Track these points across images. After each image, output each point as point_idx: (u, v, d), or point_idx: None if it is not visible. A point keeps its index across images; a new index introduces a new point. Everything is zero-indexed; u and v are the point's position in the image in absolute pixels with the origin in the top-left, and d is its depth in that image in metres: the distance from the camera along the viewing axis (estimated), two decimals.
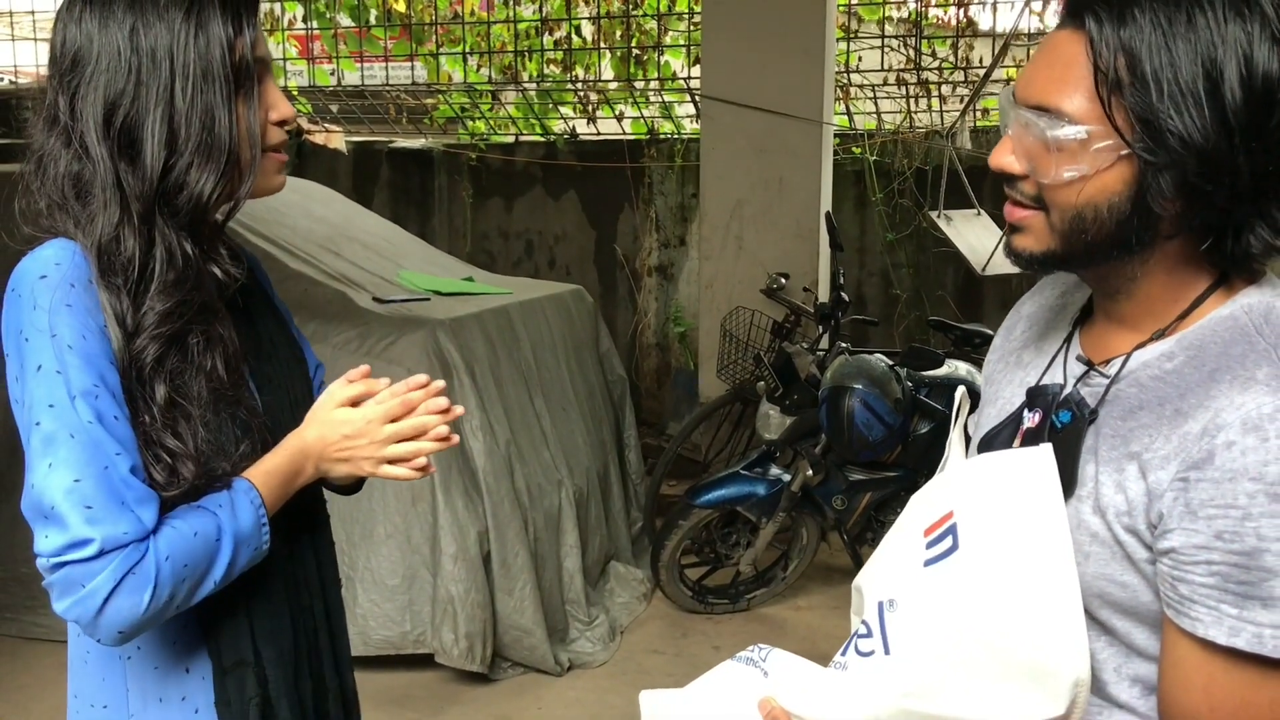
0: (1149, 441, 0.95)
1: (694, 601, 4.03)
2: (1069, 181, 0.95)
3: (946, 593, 1.00)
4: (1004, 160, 1.00)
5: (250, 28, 1.21)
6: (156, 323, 1.16)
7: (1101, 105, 0.92)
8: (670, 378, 6.36)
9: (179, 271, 1.18)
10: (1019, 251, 1.03)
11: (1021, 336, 1.21)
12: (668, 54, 6.64)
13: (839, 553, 4.28)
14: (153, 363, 1.16)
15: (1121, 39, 0.90)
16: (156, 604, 1.10)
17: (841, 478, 3.78)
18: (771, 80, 4.75)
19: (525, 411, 3.84)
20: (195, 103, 1.16)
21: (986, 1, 6.22)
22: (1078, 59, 0.94)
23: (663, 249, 6.40)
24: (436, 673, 3.43)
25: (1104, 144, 0.93)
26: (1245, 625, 0.88)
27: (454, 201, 6.75)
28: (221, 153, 1.18)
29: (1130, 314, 1.03)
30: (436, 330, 3.49)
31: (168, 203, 1.18)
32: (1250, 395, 0.90)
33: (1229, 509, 0.88)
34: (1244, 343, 0.95)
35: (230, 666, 1.25)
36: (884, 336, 5.87)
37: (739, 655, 1.17)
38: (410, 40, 7.07)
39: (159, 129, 1.16)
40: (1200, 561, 0.90)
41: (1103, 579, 0.98)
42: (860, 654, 1.07)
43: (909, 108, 6.16)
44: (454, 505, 3.35)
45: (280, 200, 4.31)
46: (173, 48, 1.16)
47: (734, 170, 4.88)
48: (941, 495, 1.09)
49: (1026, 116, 0.97)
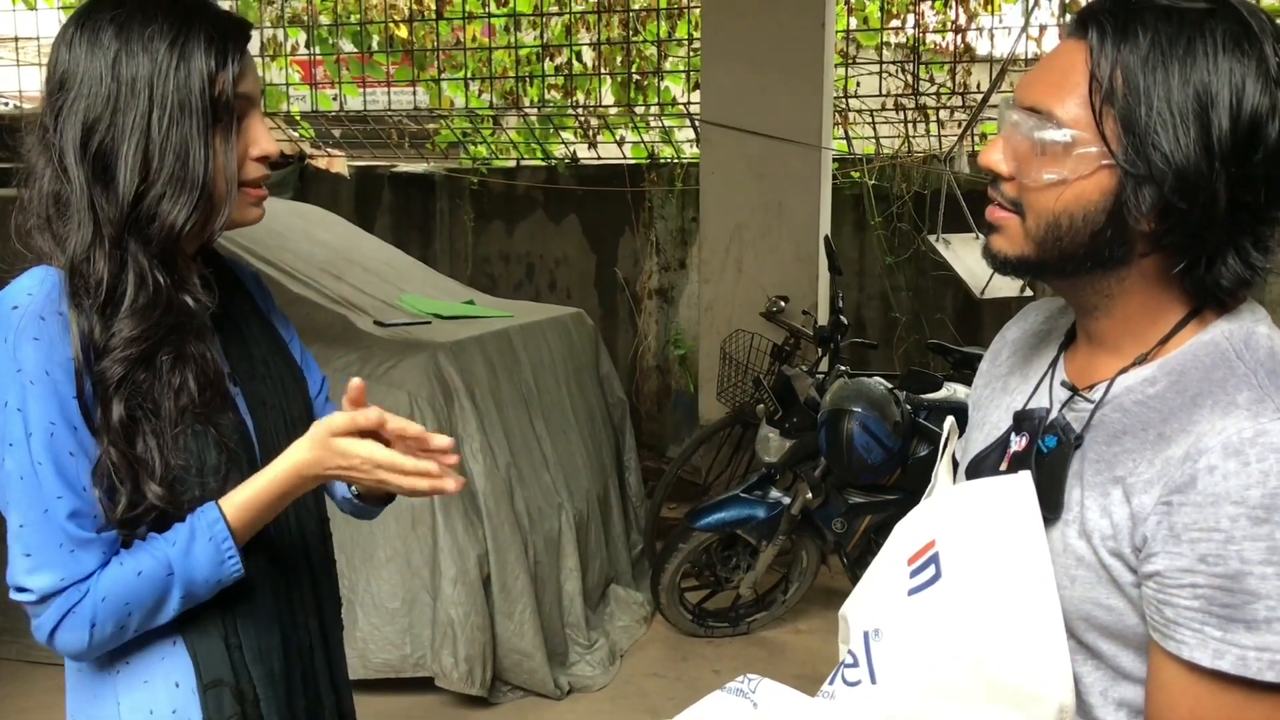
0: (1133, 466, 0.96)
1: (694, 625, 4.02)
2: (1048, 184, 0.97)
3: (930, 622, 1.01)
4: (992, 158, 1.02)
5: (235, 62, 1.22)
6: (123, 345, 1.17)
7: (1092, 113, 0.94)
8: (670, 400, 6.37)
9: (149, 297, 1.19)
10: (995, 253, 1.05)
11: (1007, 362, 1.23)
12: (668, 79, 6.69)
13: (839, 576, 4.28)
14: (114, 383, 1.17)
15: (1121, 53, 0.93)
16: (100, 637, 1.16)
17: (841, 501, 3.78)
18: (771, 105, 4.78)
19: (525, 434, 3.85)
20: (170, 134, 1.18)
21: (984, 28, 6.28)
22: (1076, 66, 0.96)
23: (663, 272, 6.42)
24: (436, 696, 3.42)
25: (1087, 150, 0.95)
26: (1230, 648, 0.89)
27: (455, 225, 6.78)
28: (194, 186, 1.19)
29: (1110, 335, 1.04)
30: (438, 353, 3.50)
31: (140, 230, 1.19)
32: (1231, 420, 0.91)
33: (1212, 532, 0.89)
34: (1225, 367, 0.96)
35: (210, 684, 1.26)
36: (883, 360, 5.88)
37: (728, 686, 1.17)
38: (412, 66, 7.12)
39: (133, 157, 1.17)
40: (1185, 585, 0.90)
41: (1088, 603, 0.98)
42: (847, 684, 1.08)
43: (907, 132, 6.20)
44: (454, 528, 3.35)
45: (282, 224, 4.33)
46: (153, 78, 1.18)
47: (733, 194, 4.91)
48: (924, 524, 1.10)
49: (1019, 116, 0.99)
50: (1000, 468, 1.10)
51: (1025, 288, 4.51)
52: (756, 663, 3.84)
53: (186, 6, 1.22)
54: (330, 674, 1.43)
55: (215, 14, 1.23)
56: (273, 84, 7.13)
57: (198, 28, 1.20)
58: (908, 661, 1.02)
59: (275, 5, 7.26)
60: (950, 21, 6.29)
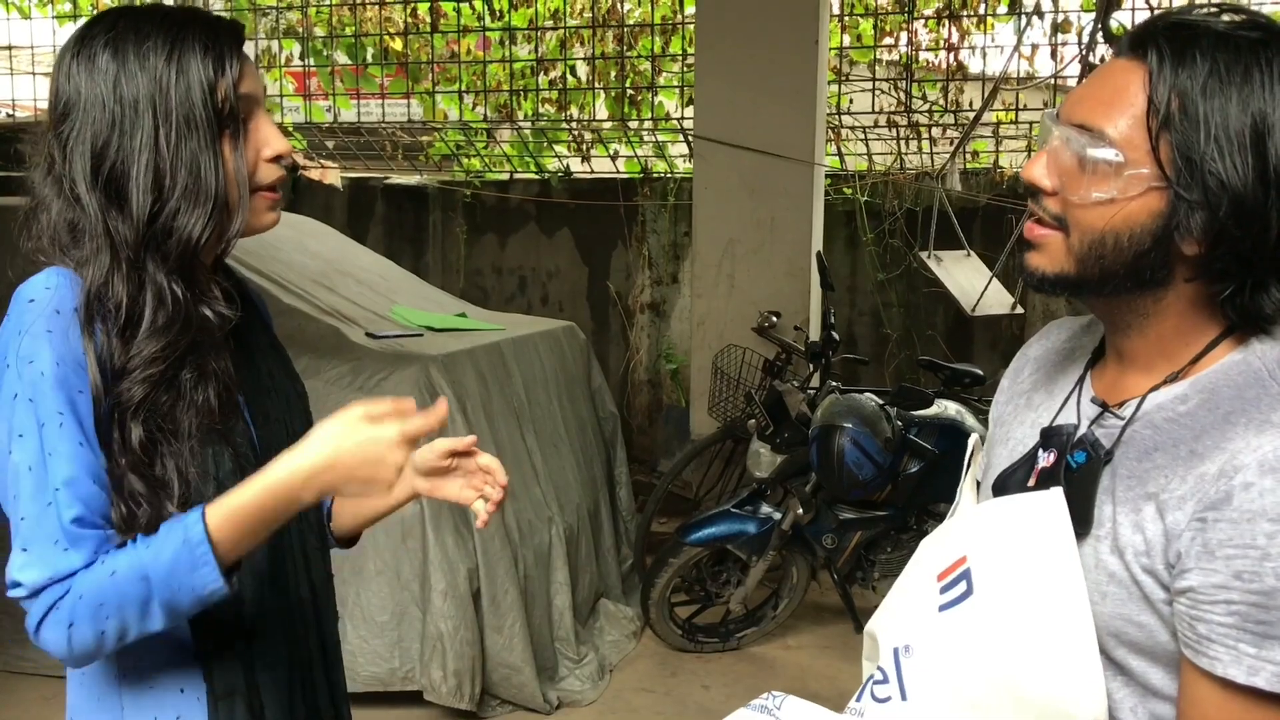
0: (1165, 482, 0.96)
1: (684, 640, 4.01)
2: (1097, 203, 0.97)
3: (962, 638, 1.01)
4: (1035, 173, 1.02)
5: (233, 67, 1.21)
6: (144, 365, 1.16)
7: (1148, 136, 0.95)
8: (662, 415, 6.37)
9: (169, 314, 1.18)
10: (1033, 270, 1.04)
11: (1030, 379, 1.23)
12: (661, 94, 6.71)
13: (829, 591, 4.27)
14: (135, 405, 1.16)
15: (1179, 77, 0.93)
16: (80, 640, 1.12)
17: (832, 516, 3.78)
18: (764, 121, 4.80)
19: (516, 447, 3.84)
20: (180, 150, 1.18)
21: (976, 46, 6.31)
22: (1130, 88, 0.97)
23: (655, 286, 6.43)
24: (425, 710, 3.40)
25: (1139, 172, 0.96)
26: (1265, 664, 0.89)
27: (448, 238, 6.79)
28: (208, 196, 1.18)
29: (1142, 353, 1.05)
30: (429, 366, 3.50)
31: (158, 247, 1.18)
32: (1266, 438, 0.92)
33: (1248, 549, 0.90)
34: (1258, 387, 0.97)
35: (223, 694, 1.24)
36: (874, 375, 5.90)
37: (752, 703, 1.16)
38: (407, 78, 7.13)
39: (144, 177, 1.17)
40: (1219, 601, 0.91)
41: (1120, 619, 0.99)
42: (876, 700, 1.07)
43: (899, 149, 6.23)
44: (444, 542, 3.34)
45: (274, 235, 4.32)
46: (154, 95, 1.17)
47: (726, 209, 4.92)
48: (954, 540, 1.10)
49: (1068, 132, 0.98)
50: (1028, 484, 1.10)
51: (1016, 305, 4.53)
52: (746, 678, 3.83)
53: (178, 18, 1.21)
54: (329, 688, 1.42)
55: (207, 21, 1.23)
56: (267, 95, 7.13)
57: (191, 38, 1.19)
58: (939, 678, 1.02)
59: (270, 17, 7.27)
60: (943, 39, 6.33)
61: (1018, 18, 5.96)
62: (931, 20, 6.38)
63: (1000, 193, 5.68)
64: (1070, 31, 5.88)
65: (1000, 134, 6.16)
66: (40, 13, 7.37)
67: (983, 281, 4.49)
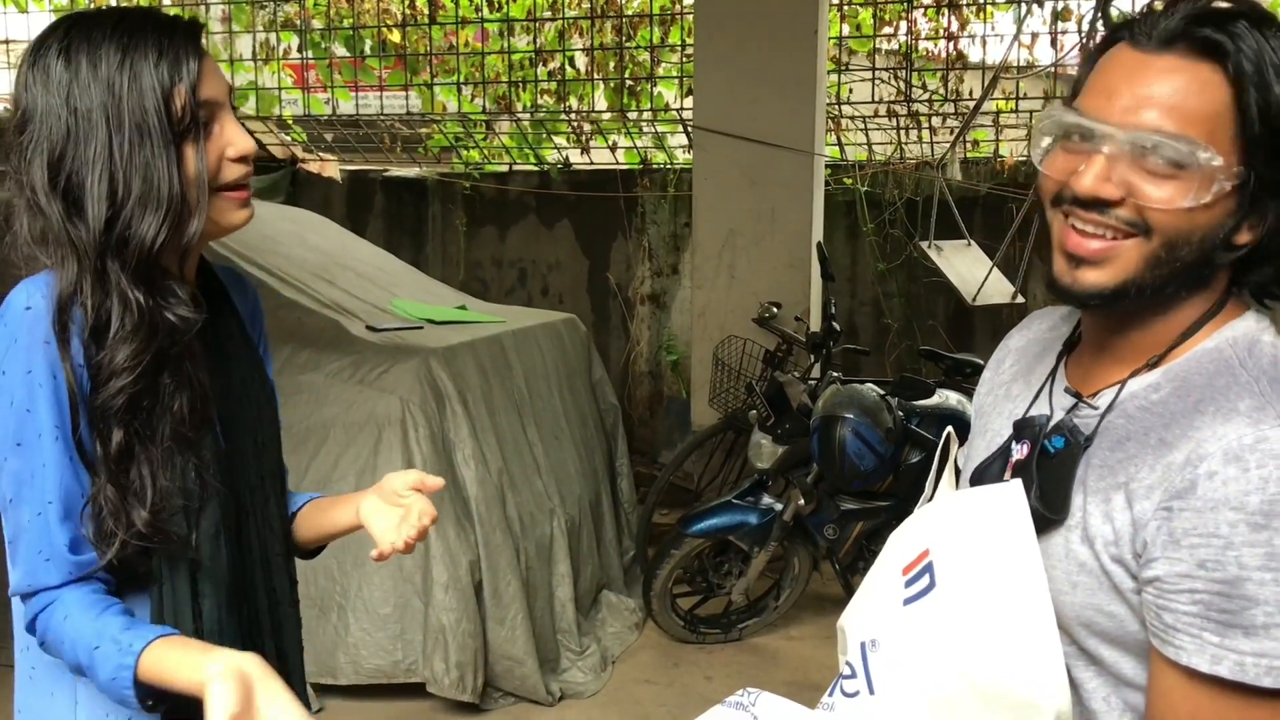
0: (1134, 471, 0.97)
1: (686, 631, 4.02)
2: (1190, 208, 0.96)
3: (926, 631, 1.02)
4: (1099, 187, 0.97)
5: (189, 72, 1.20)
6: (119, 373, 1.17)
7: (1240, 142, 0.95)
8: (663, 406, 6.37)
9: (135, 320, 1.18)
10: (1088, 288, 1.00)
11: (1010, 370, 1.24)
12: (661, 85, 6.70)
13: (831, 582, 4.28)
14: (117, 411, 1.17)
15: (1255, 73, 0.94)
16: (55, 654, 1.20)
17: (833, 507, 3.78)
18: (763, 111, 4.79)
19: (518, 440, 3.84)
20: (133, 157, 1.18)
21: (976, 35, 6.30)
22: (1204, 89, 0.95)
23: (655, 278, 6.43)
24: (428, 702, 3.41)
25: (1228, 172, 0.95)
26: (1227, 653, 0.90)
27: (448, 230, 6.78)
28: (162, 201, 1.18)
29: (1129, 348, 1.05)
30: (429, 359, 3.50)
31: (117, 253, 1.18)
32: (1232, 426, 0.92)
33: (1211, 538, 0.90)
34: (1228, 375, 0.97)
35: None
36: (875, 366, 5.89)
37: (728, 700, 1.17)
38: (405, 70, 7.12)
39: (99, 185, 1.17)
40: (1183, 590, 0.91)
41: (1090, 609, 0.99)
42: (846, 695, 1.09)
43: (899, 139, 6.21)
44: (446, 534, 3.35)
45: (274, 229, 4.32)
46: (107, 105, 1.17)
47: (726, 200, 4.91)
48: (917, 534, 1.11)
49: (1154, 140, 0.95)
50: (1004, 477, 1.10)
51: (1017, 295, 4.52)
52: (748, 669, 3.84)
53: (131, 23, 1.20)
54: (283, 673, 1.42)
55: (161, 23, 1.21)
56: (265, 88, 7.12)
57: (144, 43, 1.19)
58: (905, 672, 1.02)
59: (268, 9, 7.25)
60: (943, 28, 6.31)
61: (1018, 6, 5.94)
62: (931, 9, 6.36)
63: (1001, 182, 5.67)
64: (1070, 19, 5.87)
65: (1001, 123, 6.14)
66: (37, 6, 7.35)
67: (983, 271, 4.48)
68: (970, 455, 1.21)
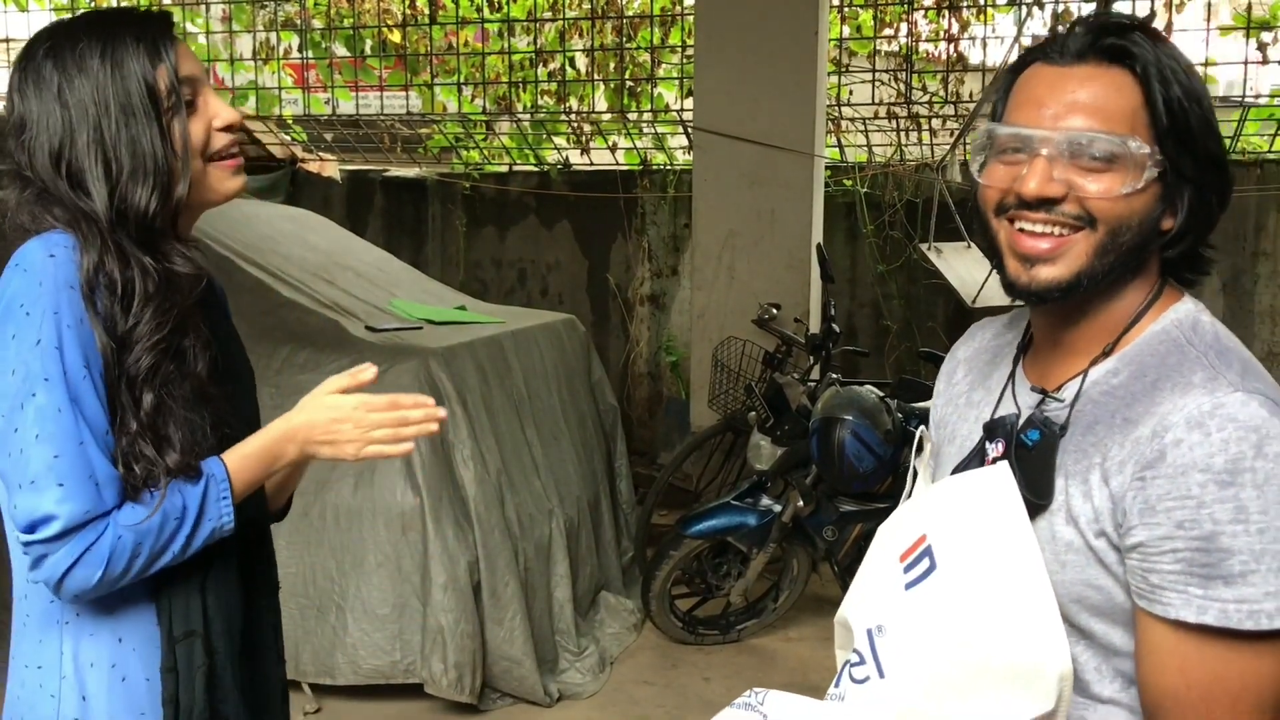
0: (1106, 450, 1.05)
1: (684, 632, 4.02)
2: (1127, 195, 1.06)
3: (931, 610, 1.07)
4: (1044, 187, 1.07)
5: (168, 54, 1.32)
6: (149, 334, 1.27)
7: (1154, 133, 1.07)
8: (662, 407, 6.37)
9: (155, 282, 1.30)
10: (1043, 284, 1.09)
11: (965, 380, 1.32)
12: (661, 86, 6.70)
13: (830, 583, 4.28)
14: (146, 372, 1.27)
15: (1164, 77, 1.07)
16: (110, 576, 1.24)
17: (832, 508, 3.78)
18: (763, 113, 4.79)
19: (516, 440, 3.84)
20: (120, 136, 1.29)
21: (976, 36, 6.30)
22: (1119, 90, 1.07)
23: (655, 279, 6.43)
24: (426, 703, 3.41)
25: (1151, 162, 1.06)
26: (1212, 603, 0.98)
27: (447, 230, 6.78)
28: (149, 172, 1.30)
29: (1081, 340, 1.14)
30: (429, 359, 3.50)
31: (123, 224, 1.30)
32: (1190, 397, 1.01)
33: (1185, 499, 0.98)
34: (1178, 353, 1.07)
35: (181, 636, 1.34)
36: (875, 368, 5.89)
37: (736, 702, 1.19)
38: (405, 70, 7.12)
39: (97, 168, 1.29)
40: (1165, 551, 0.99)
41: (1080, 584, 1.06)
42: (855, 681, 1.12)
43: (899, 141, 6.21)
44: (444, 534, 3.34)
45: (274, 228, 4.32)
46: (95, 94, 1.30)
47: (726, 201, 4.91)
48: (910, 522, 1.16)
49: (1087, 137, 1.06)
50: None
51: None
52: (747, 670, 3.84)
53: (108, 19, 1.33)
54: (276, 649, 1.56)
55: (135, 16, 1.34)
56: (265, 88, 7.12)
57: (123, 35, 1.31)
58: (913, 652, 1.07)
59: (268, 9, 7.25)
60: (943, 30, 6.31)
61: (1018, 8, 5.94)
62: (931, 11, 6.36)
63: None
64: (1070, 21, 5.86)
65: None
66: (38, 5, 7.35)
67: (983, 273, 4.47)
68: (940, 463, 1.28)
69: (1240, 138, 5.77)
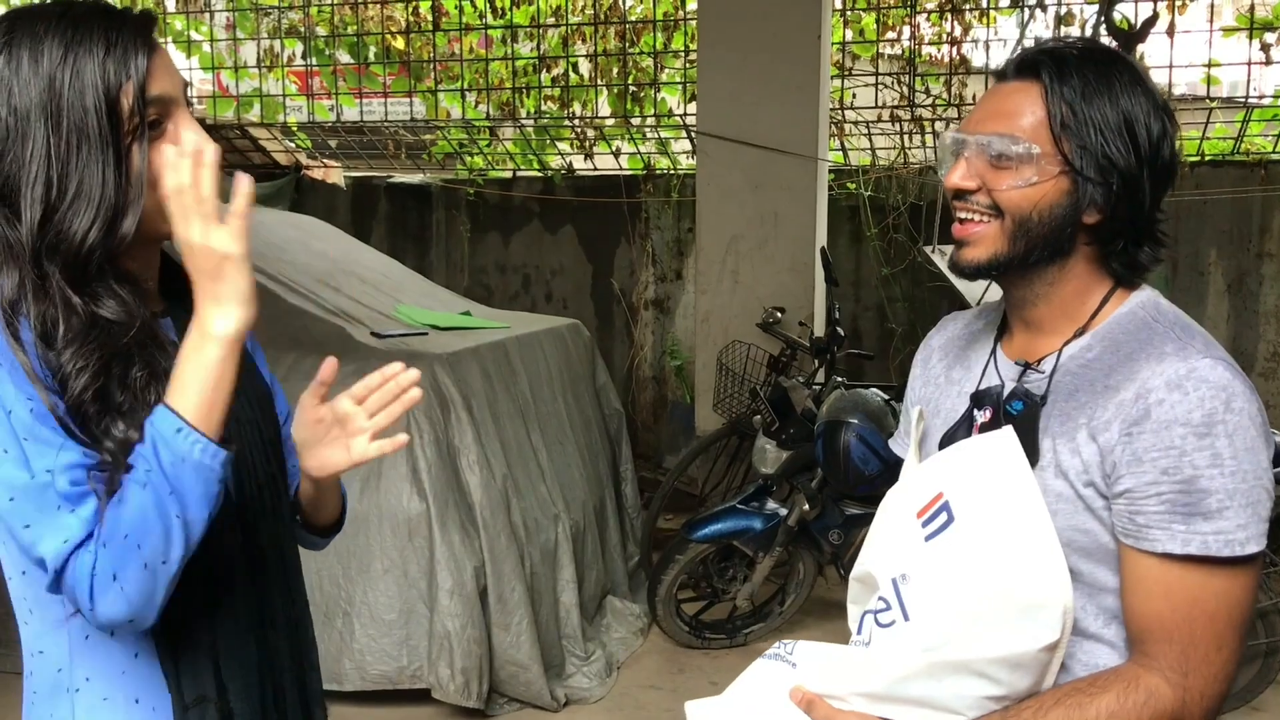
0: (1092, 413, 1.21)
1: (691, 636, 4.02)
2: (1022, 188, 1.24)
3: (952, 557, 1.19)
4: (958, 180, 1.28)
5: (138, 69, 1.13)
6: (75, 375, 1.10)
7: (1051, 135, 1.23)
8: (667, 411, 6.37)
9: (80, 322, 1.13)
10: (968, 263, 1.30)
11: (942, 364, 1.49)
12: (664, 91, 6.71)
13: (836, 587, 4.27)
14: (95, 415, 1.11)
15: (1066, 89, 1.23)
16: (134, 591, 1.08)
17: (838, 512, 3.78)
18: (767, 117, 4.79)
19: (522, 445, 3.84)
20: (70, 159, 1.12)
21: (979, 40, 6.30)
22: (1028, 101, 1.25)
23: (659, 283, 6.43)
24: (433, 708, 3.41)
25: (1050, 160, 1.23)
26: (1194, 536, 1.15)
27: (452, 236, 6.79)
28: (94, 202, 1.12)
29: (1048, 318, 1.31)
30: (434, 365, 3.50)
31: (50, 255, 1.13)
32: (1167, 364, 1.18)
33: (1169, 450, 1.16)
34: (1146, 330, 1.24)
35: (192, 702, 1.21)
36: (879, 371, 5.89)
37: (767, 653, 1.35)
38: (409, 77, 7.14)
39: (34, 187, 1.12)
40: (1151, 495, 1.16)
41: (1070, 529, 1.22)
42: (881, 625, 1.23)
43: (903, 143, 6.22)
44: (451, 540, 3.35)
45: (279, 236, 4.33)
46: (47, 104, 1.12)
47: (730, 205, 4.92)
48: (924, 482, 1.30)
49: (987, 139, 1.25)
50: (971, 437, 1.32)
51: None
52: None
53: (77, 15, 1.14)
54: (301, 694, 1.38)
55: (110, 16, 1.15)
56: (269, 94, 7.14)
57: (90, 38, 1.13)
58: (937, 595, 1.19)
59: (272, 16, 7.28)
60: (946, 34, 6.31)
61: (1020, 11, 5.95)
62: (934, 14, 6.37)
63: None
64: (1074, 24, 5.87)
65: None
66: None
67: None
68: (928, 434, 1.44)
69: (1244, 139, 5.77)
